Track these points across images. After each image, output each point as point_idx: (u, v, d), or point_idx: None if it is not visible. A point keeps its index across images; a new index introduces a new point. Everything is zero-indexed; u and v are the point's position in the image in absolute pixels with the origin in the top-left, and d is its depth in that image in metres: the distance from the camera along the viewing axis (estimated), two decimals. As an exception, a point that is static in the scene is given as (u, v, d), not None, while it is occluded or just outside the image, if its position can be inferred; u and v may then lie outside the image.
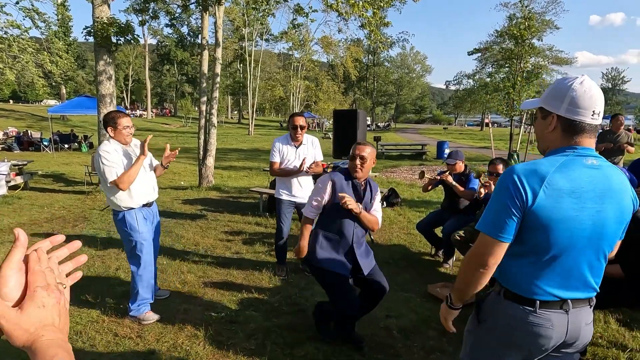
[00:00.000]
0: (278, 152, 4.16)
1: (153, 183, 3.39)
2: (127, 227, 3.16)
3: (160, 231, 3.68)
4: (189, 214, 6.85)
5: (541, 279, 1.39)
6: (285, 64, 42.11)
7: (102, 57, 8.11)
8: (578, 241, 1.35)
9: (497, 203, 1.37)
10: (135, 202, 3.16)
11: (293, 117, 4.14)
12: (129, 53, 58.12)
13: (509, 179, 1.35)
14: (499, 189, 1.38)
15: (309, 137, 4.28)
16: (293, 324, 3.28)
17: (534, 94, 11.82)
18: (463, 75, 46.60)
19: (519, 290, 1.41)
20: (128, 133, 3.15)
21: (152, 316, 3.28)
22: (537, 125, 1.50)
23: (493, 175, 4.19)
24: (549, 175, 1.31)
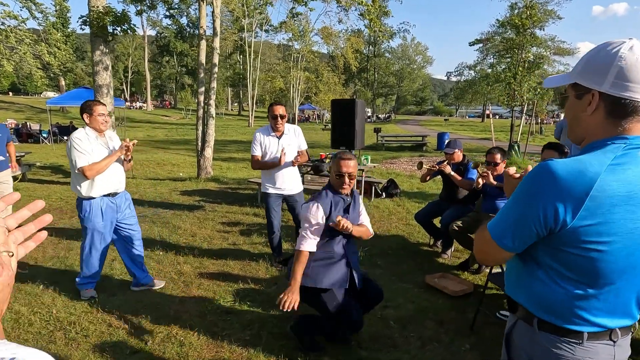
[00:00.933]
0: (259, 144, 3.99)
1: (119, 175, 3.40)
2: (83, 213, 3.31)
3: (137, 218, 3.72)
4: (186, 205, 6.81)
5: (588, 308, 1.12)
6: (285, 55, 41.83)
7: (99, 47, 8.01)
8: (638, 261, 1.07)
9: (517, 209, 1.11)
10: (95, 191, 3.25)
11: (272, 107, 3.98)
12: (128, 44, 57.73)
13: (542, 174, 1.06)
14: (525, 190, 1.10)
15: (290, 126, 4.15)
16: (289, 314, 3.25)
17: (535, 84, 11.73)
18: (464, 66, 46.21)
19: (559, 320, 1.15)
20: (103, 121, 3.22)
21: (92, 293, 3.45)
22: (568, 108, 1.18)
23: (491, 165, 4.13)
24: (598, 179, 1.00)
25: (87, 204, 3.28)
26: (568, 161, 1.06)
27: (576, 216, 1.02)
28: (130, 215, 3.59)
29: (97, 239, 3.37)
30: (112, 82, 8.40)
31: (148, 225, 5.57)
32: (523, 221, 1.08)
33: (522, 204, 1.10)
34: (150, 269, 4.06)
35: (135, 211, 3.70)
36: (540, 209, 1.05)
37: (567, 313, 1.13)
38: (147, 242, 4.83)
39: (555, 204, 1.03)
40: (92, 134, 3.23)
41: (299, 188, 4.19)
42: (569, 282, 1.10)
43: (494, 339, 2.93)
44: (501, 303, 3.49)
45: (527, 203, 1.08)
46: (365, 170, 6.77)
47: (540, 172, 1.07)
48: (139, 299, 3.46)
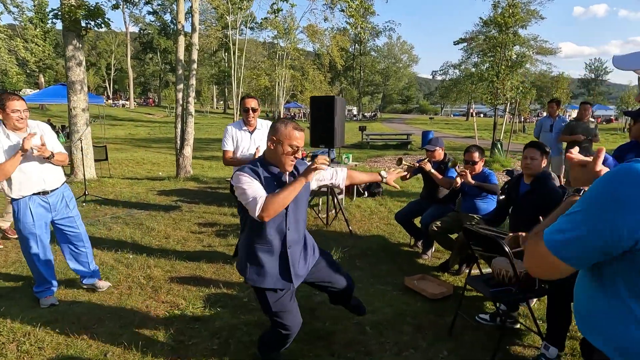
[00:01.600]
0: (231, 139, 3.85)
1: (44, 172, 3.15)
2: (14, 215, 3.15)
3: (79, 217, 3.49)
4: (162, 205, 6.60)
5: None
6: (270, 52, 41.50)
7: (71, 42, 7.74)
8: None
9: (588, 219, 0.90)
10: (19, 191, 3.06)
11: (244, 99, 3.86)
12: (111, 41, 56.66)
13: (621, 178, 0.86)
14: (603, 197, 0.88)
15: (263, 121, 4.01)
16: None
17: (518, 83, 11.75)
18: (449, 65, 46.60)
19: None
20: (18, 117, 2.96)
21: (51, 300, 3.28)
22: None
23: (469, 164, 4.04)
24: None
25: (15, 205, 3.11)
26: None
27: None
28: (69, 214, 3.36)
29: (31, 241, 3.17)
30: (86, 78, 8.13)
31: (120, 227, 5.35)
32: (594, 232, 0.88)
33: (591, 213, 0.89)
34: (118, 274, 3.88)
35: (77, 210, 3.45)
36: (618, 219, 0.84)
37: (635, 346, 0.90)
38: (117, 245, 4.65)
39: (633, 216, 0.83)
40: (2, 132, 2.96)
41: None
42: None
43: (472, 343, 2.83)
44: (480, 305, 3.40)
45: (602, 211, 0.87)
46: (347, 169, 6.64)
47: (621, 176, 0.86)
48: (102, 306, 3.27)
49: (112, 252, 4.45)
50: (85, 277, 3.55)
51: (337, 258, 4.38)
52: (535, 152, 3.22)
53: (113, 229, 5.29)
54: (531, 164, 3.21)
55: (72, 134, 8.08)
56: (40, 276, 3.28)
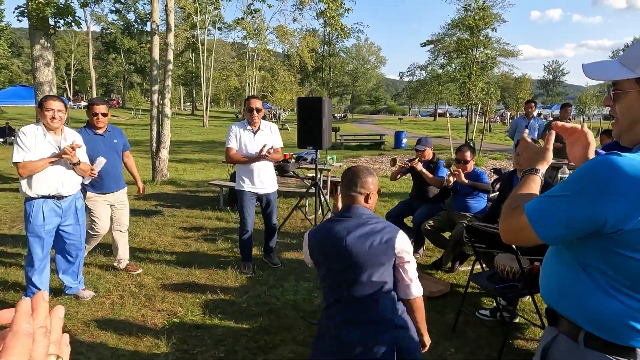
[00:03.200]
0: (235, 137, 3.95)
1: (63, 177, 3.12)
2: (25, 215, 3.11)
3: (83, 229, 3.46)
4: (142, 210, 6.39)
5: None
6: (240, 53, 41.06)
7: (39, 41, 7.35)
8: None
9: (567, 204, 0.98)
10: (34, 190, 3.02)
11: (249, 100, 3.96)
12: (70, 40, 54.39)
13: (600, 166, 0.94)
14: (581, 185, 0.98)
15: (267, 123, 4.12)
16: (264, 326, 3.06)
17: (484, 85, 12.14)
18: (416, 67, 47.59)
19: (611, 335, 1.02)
20: (51, 116, 2.99)
21: None
22: (628, 106, 1.02)
23: (461, 163, 4.13)
24: None
25: (28, 205, 3.08)
26: (633, 156, 0.94)
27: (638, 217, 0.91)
28: (75, 222, 3.30)
29: (36, 244, 3.11)
30: (54, 79, 7.76)
31: (101, 234, 5.13)
32: (572, 218, 0.97)
33: (575, 199, 0.97)
34: (107, 283, 3.72)
35: (84, 218, 3.42)
36: (596, 208, 0.93)
37: (622, 328, 1.00)
38: (102, 253, 4.46)
39: (614, 204, 0.91)
40: (41, 131, 3.01)
41: (273, 187, 4.13)
42: (626, 291, 0.98)
43: (477, 339, 2.89)
44: (478, 302, 3.48)
45: (582, 200, 0.96)
46: (331, 170, 6.65)
47: (601, 166, 0.94)
48: (95, 317, 3.13)
49: (98, 261, 4.26)
50: (69, 287, 3.44)
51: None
52: None
53: (93, 236, 5.07)
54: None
55: (40, 138, 7.70)
56: (32, 284, 3.17)
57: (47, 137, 3.02)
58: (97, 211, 3.73)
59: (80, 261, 3.45)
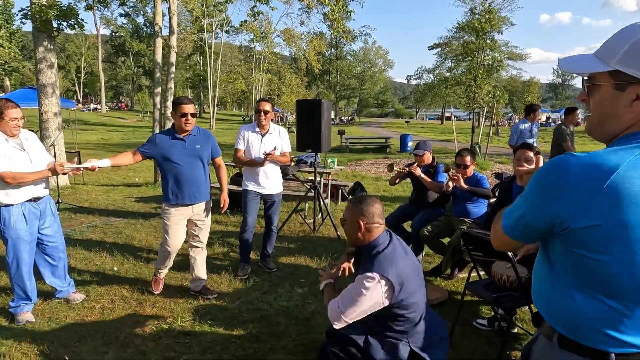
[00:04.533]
0: (243, 139, 4.01)
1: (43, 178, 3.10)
2: (2, 222, 2.96)
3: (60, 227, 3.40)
4: (142, 213, 6.36)
5: (618, 325, 0.96)
6: (247, 56, 41.21)
7: (42, 43, 7.40)
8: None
9: (525, 202, 1.03)
10: (16, 197, 2.95)
11: (259, 102, 3.99)
12: (81, 44, 55.08)
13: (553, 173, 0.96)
14: (534, 184, 1.00)
15: (277, 127, 4.14)
16: (254, 333, 2.98)
17: (491, 87, 11.99)
18: (423, 70, 47.30)
19: (582, 337, 1.00)
20: (15, 125, 2.95)
21: (28, 317, 3.09)
22: (600, 100, 1.00)
23: (461, 167, 4.03)
24: (615, 174, 0.88)
25: (5, 211, 2.95)
26: (586, 154, 0.94)
27: (586, 215, 0.90)
28: (54, 223, 3.28)
29: (22, 249, 3.03)
30: (57, 81, 7.80)
31: (99, 236, 5.11)
32: (530, 216, 1.02)
33: (531, 198, 1.02)
34: (99, 287, 3.67)
35: (59, 219, 3.36)
36: (544, 207, 0.98)
37: (591, 330, 0.98)
38: (96, 256, 4.43)
39: (560, 202, 0.94)
40: (2, 137, 2.93)
41: (278, 189, 4.15)
42: (591, 292, 0.96)
43: (474, 350, 2.79)
44: (476, 310, 3.38)
45: (535, 197, 1.00)
46: (331, 173, 6.58)
47: (552, 166, 0.97)
48: (82, 323, 3.07)
49: (91, 264, 4.23)
50: (60, 290, 3.40)
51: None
52: (527, 153, 3.24)
53: (90, 238, 5.05)
54: (524, 165, 3.23)
55: (43, 140, 7.69)
56: (21, 290, 3.09)
57: (10, 142, 2.95)
58: (170, 226, 3.35)
59: (64, 263, 3.40)
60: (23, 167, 2.95)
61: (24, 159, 2.99)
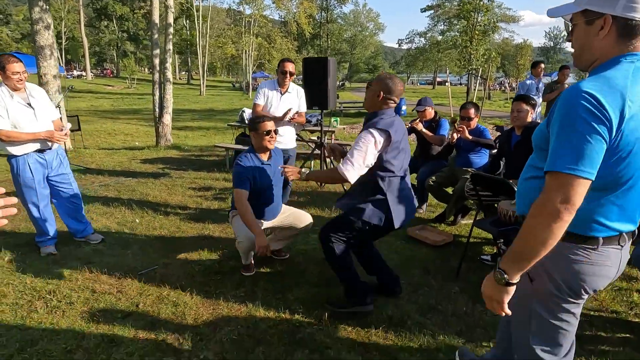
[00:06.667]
0: (263, 95, 4.15)
1: (45, 128, 3.28)
2: (13, 171, 3.27)
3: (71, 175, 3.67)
4: (150, 173, 6.51)
5: (605, 213, 1.23)
6: (236, 19, 40.09)
7: (37, 4, 7.26)
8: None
9: (572, 133, 1.11)
10: (16, 150, 3.20)
11: (283, 62, 4.14)
12: (60, 7, 52.82)
13: (579, 98, 1.10)
14: (569, 112, 1.12)
15: (295, 86, 4.29)
16: (279, 271, 3.25)
17: (485, 50, 12.06)
18: (415, 34, 46.68)
19: (577, 228, 1.22)
20: (18, 79, 3.11)
21: (50, 250, 3.49)
22: (577, 36, 1.25)
23: (465, 120, 4.24)
24: (627, 90, 1.10)
25: (14, 161, 3.25)
26: (594, 79, 1.14)
27: (623, 121, 1.10)
28: (63, 172, 3.54)
29: (31, 194, 3.35)
30: (55, 43, 7.70)
31: (113, 194, 5.28)
32: (583, 137, 1.09)
33: (572, 123, 1.11)
34: (124, 237, 3.89)
35: (69, 168, 3.64)
36: (593, 118, 1.09)
37: (585, 221, 1.22)
38: (115, 210, 4.63)
39: (603, 111, 1.09)
40: (6, 93, 3.10)
41: (292, 144, 4.33)
42: (592, 189, 1.14)
43: (479, 281, 3.07)
44: (480, 251, 3.68)
45: (577, 120, 1.10)
46: (335, 132, 6.75)
47: (572, 93, 1.13)
48: (119, 265, 3.30)
49: (112, 218, 4.42)
50: (79, 231, 3.72)
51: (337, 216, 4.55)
52: (521, 105, 3.47)
53: (106, 195, 5.22)
54: (518, 115, 3.47)
55: (44, 103, 7.69)
56: (39, 227, 3.46)
57: (15, 98, 3.11)
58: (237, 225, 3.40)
59: (79, 206, 3.68)
60: (27, 123, 3.14)
61: (29, 114, 3.17)
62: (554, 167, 1.12)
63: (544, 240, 1.14)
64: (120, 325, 2.49)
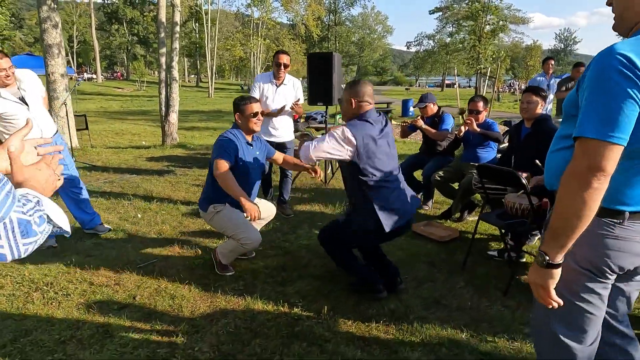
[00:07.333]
0: (258, 88, 4.15)
1: (41, 125, 3.26)
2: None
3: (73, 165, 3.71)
4: (155, 170, 6.50)
5: (632, 186, 1.17)
6: (245, 21, 40.31)
7: (45, 2, 7.31)
8: None
9: (603, 95, 1.05)
10: None
11: (278, 54, 4.12)
12: (72, 12, 53.54)
13: (612, 60, 1.04)
14: (601, 75, 1.06)
15: (291, 78, 4.28)
16: (281, 264, 3.19)
17: (494, 50, 11.90)
18: (423, 36, 46.51)
19: (605, 202, 1.13)
20: (5, 75, 3.05)
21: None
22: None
23: (473, 113, 4.15)
24: None
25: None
26: (627, 41, 1.09)
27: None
28: (62, 162, 3.43)
29: None
30: (62, 42, 7.74)
31: (118, 190, 5.26)
32: (613, 99, 1.04)
33: (602, 86, 1.06)
34: (125, 232, 3.85)
35: (70, 158, 3.67)
36: (625, 79, 1.03)
37: (610, 193, 1.11)
38: (118, 206, 4.61)
39: (635, 71, 1.03)
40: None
41: (290, 136, 4.34)
42: (620, 158, 1.08)
43: (485, 274, 3.00)
44: (487, 246, 3.58)
45: (607, 83, 1.05)
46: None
47: (604, 55, 1.07)
48: (118, 259, 3.26)
49: (115, 213, 4.40)
50: (86, 222, 3.70)
51: (341, 212, 4.49)
52: (531, 96, 3.36)
53: (110, 191, 5.20)
54: (528, 107, 3.36)
55: (52, 101, 7.72)
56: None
57: (4, 94, 3.05)
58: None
59: (84, 196, 3.67)
60: (18, 120, 3.09)
61: (22, 110, 3.12)
62: (581, 132, 1.07)
63: (577, 211, 1.08)
64: (115, 317, 2.44)
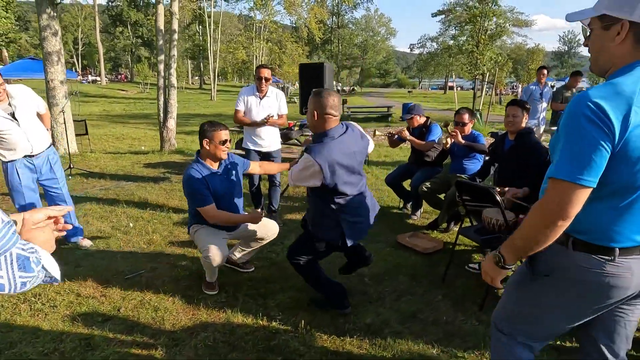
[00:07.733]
0: (243, 101, 4.32)
1: (32, 137, 3.33)
2: (5, 175, 3.38)
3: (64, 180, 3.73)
4: (151, 177, 6.58)
5: (621, 223, 1.22)
6: (247, 24, 40.48)
7: (45, 10, 7.44)
8: None
9: (576, 140, 1.12)
10: (3, 157, 3.28)
11: (259, 69, 4.28)
12: (77, 14, 54.03)
13: (582, 107, 1.11)
14: (572, 122, 1.13)
15: (274, 89, 4.41)
16: (265, 276, 3.25)
17: (495, 55, 11.94)
18: (427, 39, 46.45)
19: (593, 238, 1.24)
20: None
21: None
22: (594, 40, 1.26)
23: (459, 125, 4.20)
24: (635, 96, 1.09)
25: (4, 166, 3.36)
26: (601, 86, 1.15)
27: (628, 128, 1.09)
28: (52, 176, 3.59)
29: (19, 198, 3.42)
30: (62, 49, 7.86)
31: (112, 198, 5.35)
32: (585, 145, 1.11)
33: (575, 131, 1.13)
34: (117, 241, 3.93)
35: (61, 172, 3.68)
36: (595, 126, 1.09)
37: (601, 231, 1.22)
38: (111, 214, 4.68)
39: (605, 119, 1.09)
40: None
41: (276, 146, 4.50)
42: (605, 199, 1.18)
43: (464, 288, 3.05)
44: (469, 258, 3.63)
45: (580, 128, 1.11)
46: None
47: (576, 101, 1.14)
48: (106, 269, 3.34)
49: (107, 222, 4.48)
50: (69, 235, 3.75)
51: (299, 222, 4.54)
52: (517, 109, 3.41)
53: (104, 199, 5.29)
54: (514, 120, 3.40)
55: (51, 108, 7.84)
56: None
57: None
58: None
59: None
60: (10, 135, 3.16)
61: (12, 127, 3.17)
62: (554, 174, 1.16)
63: (537, 240, 1.20)
64: (99, 329, 2.51)
